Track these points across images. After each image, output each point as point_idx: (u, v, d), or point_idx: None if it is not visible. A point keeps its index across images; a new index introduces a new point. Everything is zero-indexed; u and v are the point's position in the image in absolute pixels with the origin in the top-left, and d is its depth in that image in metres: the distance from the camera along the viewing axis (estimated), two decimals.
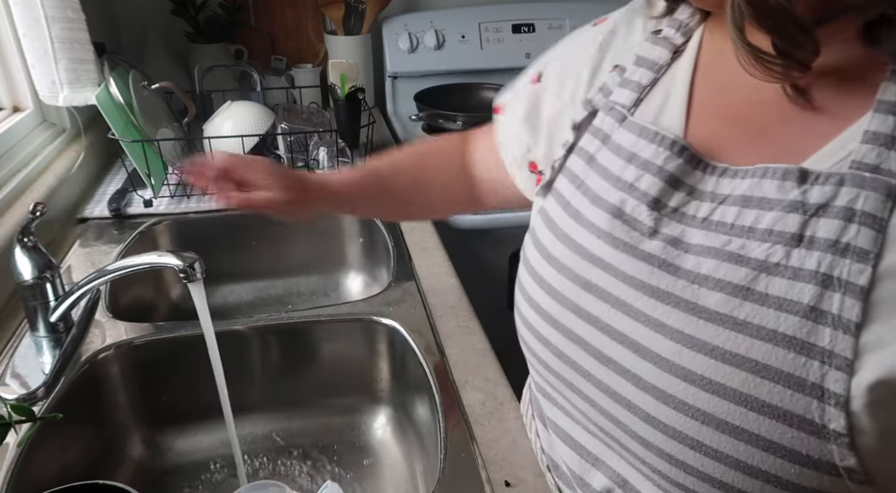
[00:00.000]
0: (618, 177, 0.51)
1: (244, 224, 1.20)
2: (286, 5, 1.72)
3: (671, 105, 0.52)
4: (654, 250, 0.47)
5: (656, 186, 0.48)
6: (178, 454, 0.88)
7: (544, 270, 0.55)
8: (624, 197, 0.50)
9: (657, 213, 0.48)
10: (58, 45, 1.06)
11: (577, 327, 0.51)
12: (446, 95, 1.71)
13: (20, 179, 1.04)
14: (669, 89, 0.52)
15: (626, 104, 0.54)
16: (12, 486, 0.64)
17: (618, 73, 0.57)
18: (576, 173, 0.55)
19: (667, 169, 0.48)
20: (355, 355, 0.92)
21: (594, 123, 0.56)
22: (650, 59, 0.54)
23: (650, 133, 0.50)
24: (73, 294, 0.78)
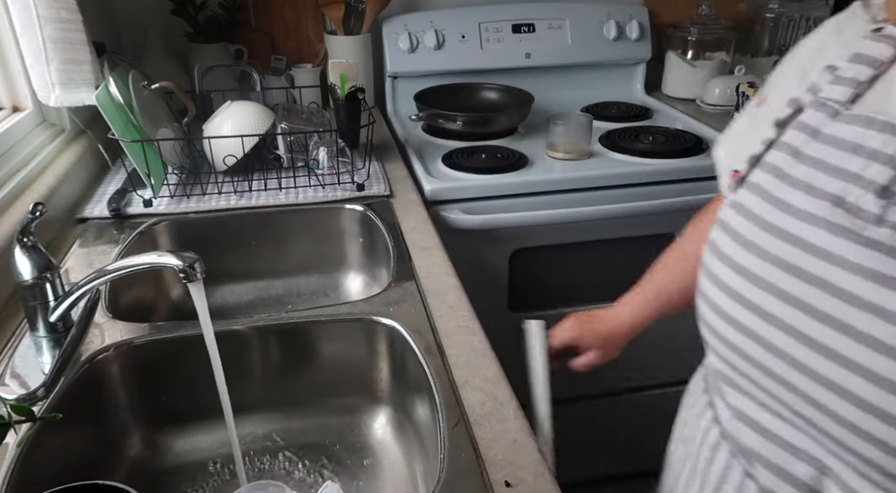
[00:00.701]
0: (836, 167, 0.50)
1: (244, 224, 1.20)
2: (286, 5, 1.72)
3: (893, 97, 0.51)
4: (882, 237, 0.47)
5: (885, 174, 0.48)
6: (178, 453, 0.88)
7: (742, 258, 0.55)
8: (846, 186, 0.49)
9: (885, 201, 0.48)
10: (49, 46, 1.06)
11: (783, 313, 0.51)
12: (446, 94, 1.71)
13: (20, 179, 1.04)
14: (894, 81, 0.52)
15: (841, 99, 0.53)
16: (12, 486, 0.64)
17: (828, 71, 0.56)
18: (777, 166, 0.55)
19: (890, 154, 0.48)
20: (355, 355, 0.92)
21: (800, 118, 0.55)
22: (870, 56, 0.53)
23: (879, 123, 0.50)
24: (72, 294, 0.78)
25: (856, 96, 0.53)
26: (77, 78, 1.11)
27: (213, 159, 1.23)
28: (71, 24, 1.08)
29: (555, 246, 1.43)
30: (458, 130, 1.58)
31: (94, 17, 1.43)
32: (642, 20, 1.83)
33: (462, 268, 1.02)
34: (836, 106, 0.53)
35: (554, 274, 1.49)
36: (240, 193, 1.22)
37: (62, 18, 1.06)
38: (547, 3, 1.80)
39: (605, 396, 1.60)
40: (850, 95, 0.53)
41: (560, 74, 1.85)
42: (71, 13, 1.08)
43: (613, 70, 1.89)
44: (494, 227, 1.37)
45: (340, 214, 1.22)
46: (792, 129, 0.56)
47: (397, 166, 1.40)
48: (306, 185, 1.25)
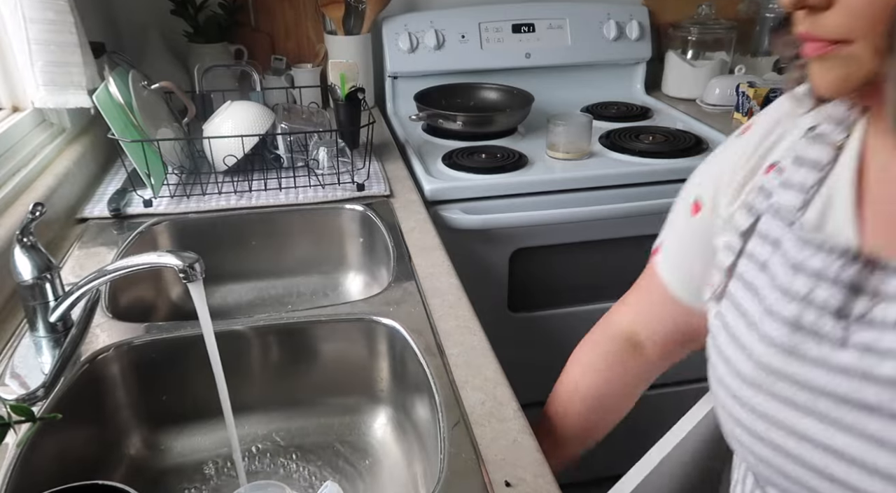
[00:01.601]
0: (787, 288, 0.50)
1: (244, 224, 1.20)
2: (286, 5, 1.72)
3: (837, 205, 0.50)
4: (850, 362, 0.46)
5: (835, 296, 0.47)
6: (178, 453, 0.88)
7: (736, 385, 0.54)
8: (800, 309, 0.48)
9: (844, 321, 0.47)
10: (34, 47, 1.06)
11: (788, 444, 0.50)
12: (446, 94, 1.71)
13: (20, 179, 1.04)
14: (833, 188, 0.51)
15: (794, 205, 0.52)
16: (12, 486, 0.64)
17: (776, 173, 0.55)
18: (750, 280, 0.54)
19: (842, 278, 0.47)
20: (355, 355, 0.92)
21: (760, 227, 0.55)
22: (811, 159, 0.53)
23: (816, 242, 0.49)
24: (72, 294, 0.78)
25: (805, 202, 0.52)
26: (62, 80, 1.10)
27: (213, 159, 1.23)
28: (58, 26, 1.07)
29: (555, 246, 1.43)
30: (458, 130, 1.58)
31: (94, 17, 1.43)
32: (642, 20, 1.83)
33: (462, 268, 1.02)
34: (789, 215, 0.52)
35: (554, 274, 1.49)
36: (240, 193, 1.22)
37: (48, 20, 1.06)
38: (547, 3, 1.80)
39: None
40: (801, 202, 0.52)
41: (560, 74, 1.85)
42: (59, 15, 1.07)
43: (613, 70, 1.89)
44: (494, 227, 1.37)
45: (340, 214, 1.22)
46: (755, 237, 0.55)
47: (397, 166, 1.40)
48: (306, 185, 1.25)
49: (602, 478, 0.84)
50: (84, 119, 1.30)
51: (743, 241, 0.57)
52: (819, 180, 0.52)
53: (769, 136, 0.59)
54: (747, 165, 0.60)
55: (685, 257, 0.69)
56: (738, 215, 0.58)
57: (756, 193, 0.57)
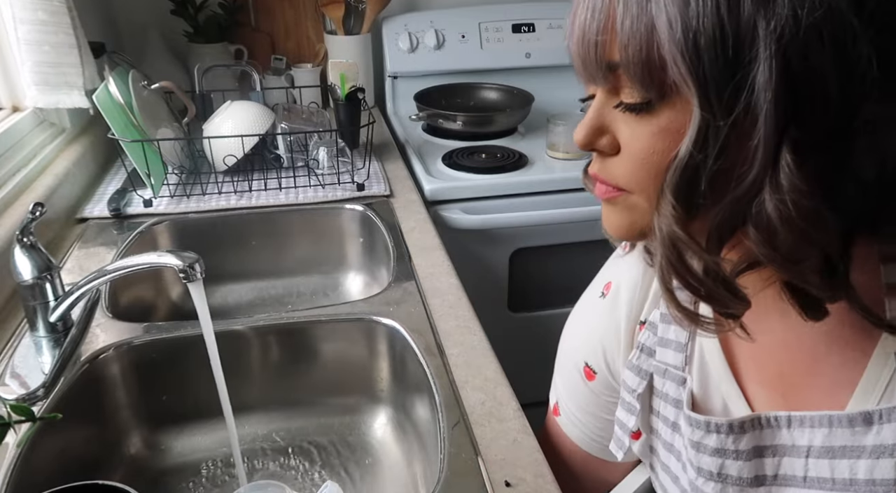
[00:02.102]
0: (698, 466, 0.50)
1: (244, 224, 1.20)
2: (286, 5, 1.72)
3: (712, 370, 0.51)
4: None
5: (745, 467, 0.47)
6: (178, 453, 0.88)
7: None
8: (720, 487, 0.49)
9: (763, 486, 0.47)
10: (24, 47, 1.06)
11: None
12: (446, 94, 1.71)
13: (20, 179, 1.04)
14: (703, 347, 0.52)
15: (678, 363, 0.53)
16: (12, 486, 0.64)
17: (649, 330, 0.56)
18: (669, 442, 0.55)
19: (742, 449, 0.47)
20: (355, 355, 0.92)
21: (656, 387, 0.56)
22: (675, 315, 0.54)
23: (702, 423, 0.49)
24: (72, 294, 0.78)
25: (686, 359, 0.53)
26: (55, 80, 1.10)
27: (213, 159, 1.23)
28: (50, 27, 1.07)
29: (555, 246, 1.43)
30: (458, 130, 1.58)
31: (94, 17, 1.43)
32: None
33: (462, 268, 1.02)
34: (677, 373, 0.53)
35: (554, 274, 1.49)
36: (240, 193, 1.22)
37: (39, 20, 1.06)
38: (547, 3, 1.80)
39: None
40: (682, 360, 0.53)
41: (560, 74, 1.85)
42: (52, 16, 1.07)
43: None
44: (494, 227, 1.37)
45: (340, 215, 1.22)
46: (657, 398, 0.56)
47: (397, 166, 1.40)
48: (306, 185, 1.25)
49: None
50: (84, 119, 1.30)
51: (640, 401, 0.57)
52: (690, 335, 0.53)
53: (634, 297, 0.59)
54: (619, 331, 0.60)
55: (592, 417, 0.68)
56: (629, 378, 0.58)
57: (638, 353, 0.58)
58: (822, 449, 0.44)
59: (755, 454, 0.47)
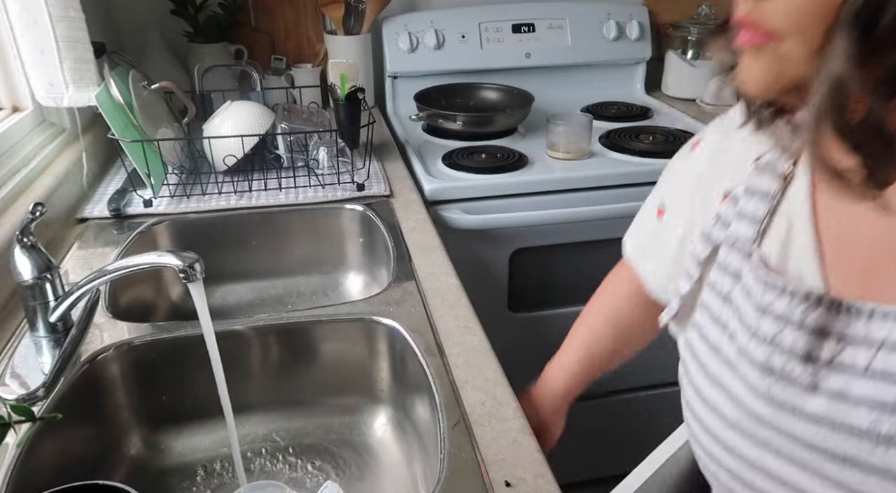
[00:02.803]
0: (756, 329, 0.48)
1: (244, 224, 1.20)
2: (286, 5, 1.72)
3: (797, 242, 0.49)
4: (820, 410, 0.45)
5: (802, 340, 0.46)
6: (178, 453, 0.88)
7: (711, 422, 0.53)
8: (769, 352, 0.47)
9: (812, 366, 0.45)
10: (62, 45, 1.06)
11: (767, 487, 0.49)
12: (446, 94, 1.71)
13: (20, 179, 1.04)
14: (790, 220, 0.49)
15: (749, 237, 0.51)
16: (12, 486, 0.64)
17: (731, 203, 0.55)
18: (717, 314, 0.53)
19: (808, 323, 0.46)
20: (355, 355, 0.92)
21: (719, 258, 0.54)
22: (760, 189, 0.52)
23: (778, 285, 0.47)
24: (72, 294, 0.78)
25: (760, 234, 0.51)
26: (87, 77, 1.10)
27: (213, 159, 1.23)
28: (76, 23, 1.08)
29: (555, 246, 1.43)
30: (458, 130, 1.58)
31: (94, 17, 1.43)
32: (642, 20, 1.83)
33: (462, 268, 1.02)
34: (746, 246, 0.52)
35: (554, 274, 1.49)
36: (240, 193, 1.22)
37: (70, 17, 1.06)
38: (547, 3, 1.80)
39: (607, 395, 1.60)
40: (755, 233, 0.51)
41: (560, 74, 1.85)
42: (77, 12, 1.08)
43: (613, 70, 1.89)
44: (494, 227, 1.37)
45: (340, 214, 1.22)
46: (716, 269, 0.54)
47: (397, 166, 1.40)
48: (306, 185, 1.25)
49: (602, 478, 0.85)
50: (84, 119, 1.30)
51: (700, 269, 0.56)
52: (770, 210, 0.51)
53: (716, 158, 0.58)
54: (699, 190, 0.60)
55: (654, 253, 0.70)
56: (697, 243, 0.57)
57: (713, 222, 0.56)
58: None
59: (817, 333, 0.45)
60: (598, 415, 1.61)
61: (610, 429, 1.57)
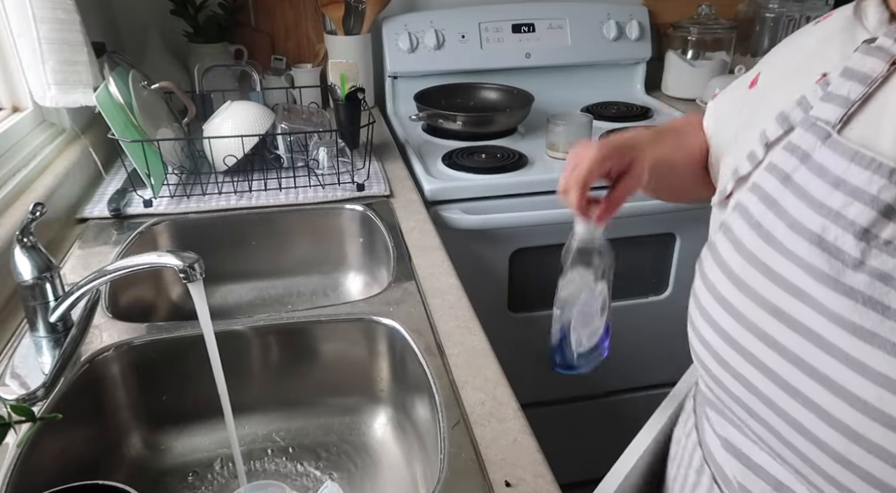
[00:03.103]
0: (821, 202, 0.47)
1: (244, 224, 1.20)
2: (286, 5, 1.72)
3: (888, 124, 0.47)
4: (859, 285, 0.44)
5: (867, 215, 0.45)
6: (178, 453, 0.88)
7: (727, 290, 0.52)
8: (826, 224, 0.46)
9: (865, 243, 0.44)
10: (45, 47, 1.06)
11: (763, 355, 0.49)
12: (446, 94, 1.71)
13: (20, 179, 1.04)
14: (886, 105, 0.48)
15: (831, 120, 0.49)
16: (12, 486, 0.64)
17: (822, 85, 0.52)
18: (768, 192, 0.52)
19: (881, 198, 0.44)
20: (355, 355, 0.92)
21: (791, 139, 0.52)
22: (861, 72, 0.49)
23: (865, 158, 0.46)
24: (72, 294, 0.78)
25: (846, 117, 0.49)
26: (73, 79, 1.10)
27: (213, 159, 1.23)
28: (66, 25, 1.08)
29: (555, 246, 1.43)
30: (458, 130, 1.58)
31: (94, 17, 1.43)
32: (642, 20, 1.83)
33: (462, 268, 1.02)
34: (826, 128, 0.49)
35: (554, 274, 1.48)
36: (240, 193, 1.22)
37: (58, 19, 1.06)
38: (547, 3, 1.80)
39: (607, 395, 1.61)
40: (841, 116, 0.49)
41: (560, 74, 1.85)
42: (67, 13, 1.08)
43: (613, 70, 1.89)
44: (494, 227, 1.37)
45: (340, 214, 1.22)
46: (783, 149, 0.52)
47: (397, 166, 1.40)
48: (306, 185, 1.25)
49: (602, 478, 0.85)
50: (84, 119, 1.30)
51: (765, 152, 0.54)
52: (864, 95, 0.48)
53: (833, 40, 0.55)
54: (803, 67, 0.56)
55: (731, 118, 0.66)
56: (770, 125, 0.54)
57: (795, 104, 0.53)
58: None
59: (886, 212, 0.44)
60: (598, 415, 1.61)
61: (610, 429, 1.57)
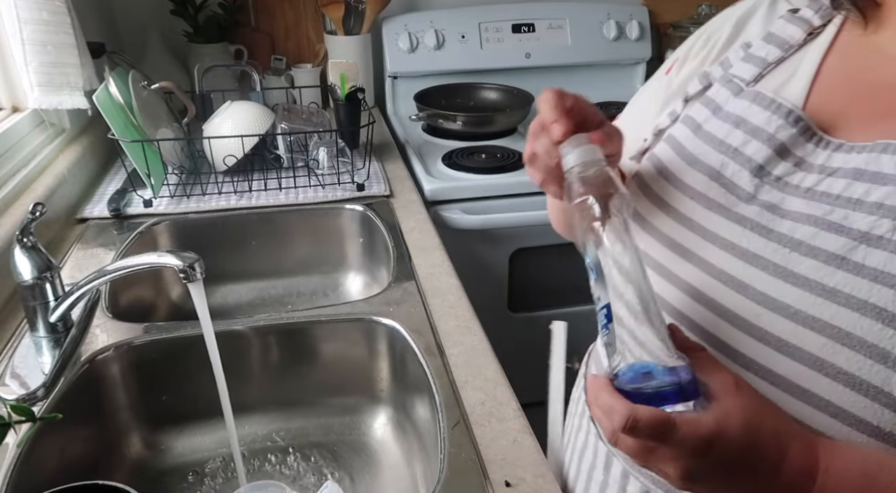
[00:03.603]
0: (721, 140, 0.51)
1: (244, 224, 1.20)
2: (286, 5, 1.72)
3: (796, 79, 0.51)
4: (749, 214, 0.47)
5: (762, 152, 0.48)
6: (178, 453, 0.88)
7: (642, 237, 0.55)
8: (725, 160, 0.50)
9: (759, 180, 0.48)
10: (28, 47, 1.06)
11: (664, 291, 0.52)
12: (446, 94, 1.71)
13: (20, 179, 1.04)
14: (797, 67, 0.51)
15: (746, 78, 0.53)
16: (12, 486, 0.64)
17: (743, 47, 0.56)
18: (679, 140, 0.55)
19: (777, 137, 0.48)
20: (355, 355, 0.92)
21: (707, 94, 0.55)
22: (781, 37, 0.53)
23: (766, 99, 0.50)
24: (72, 294, 0.78)
25: (759, 76, 0.53)
26: (57, 81, 1.10)
27: (213, 159, 1.23)
28: (52, 27, 1.07)
29: (555, 246, 1.43)
30: (458, 130, 1.58)
31: (94, 17, 1.44)
32: (642, 20, 1.83)
33: (462, 268, 1.02)
34: (740, 84, 0.53)
35: (554, 274, 1.49)
36: (240, 193, 1.22)
37: (42, 20, 1.06)
38: (547, 3, 1.80)
39: None
40: (755, 75, 0.53)
41: (560, 74, 1.85)
42: (53, 15, 1.07)
43: (613, 70, 1.89)
44: (494, 227, 1.37)
45: (340, 214, 1.22)
46: (699, 103, 0.55)
47: (397, 166, 1.40)
48: (306, 185, 1.25)
49: None
50: (84, 119, 1.30)
51: (684, 106, 0.57)
52: (780, 59, 0.52)
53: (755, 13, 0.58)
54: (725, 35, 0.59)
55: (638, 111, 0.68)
56: (691, 83, 0.58)
57: (717, 64, 0.57)
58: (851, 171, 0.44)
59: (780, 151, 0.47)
60: None
61: None
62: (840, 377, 0.41)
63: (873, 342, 0.40)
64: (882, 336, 0.40)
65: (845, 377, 0.41)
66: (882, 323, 0.40)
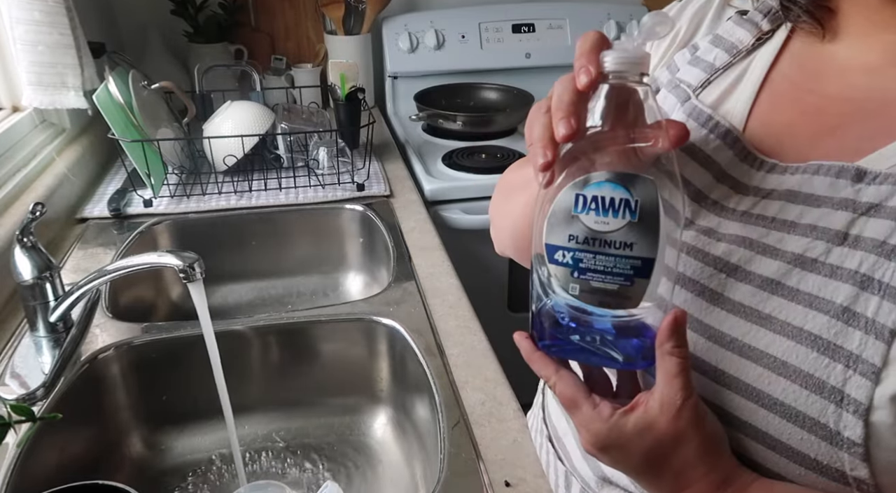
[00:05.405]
0: None
1: (244, 224, 1.20)
2: (286, 5, 1.72)
3: (739, 91, 0.49)
4: (686, 238, 0.46)
5: (700, 178, 0.47)
6: (178, 453, 0.88)
7: None
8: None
9: (696, 205, 0.47)
10: (20, 47, 1.06)
11: None
12: (446, 94, 1.71)
13: (20, 179, 1.04)
14: (743, 75, 0.50)
15: (693, 84, 0.51)
16: (12, 486, 0.64)
17: (690, 50, 0.54)
18: None
19: (715, 160, 0.47)
20: (355, 355, 0.92)
21: (658, 100, 0.53)
22: (729, 41, 0.52)
23: (704, 116, 0.48)
24: (72, 294, 0.78)
25: (707, 82, 0.51)
26: (49, 80, 1.10)
27: (213, 159, 1.23)
28: (45, 27, 1.07)
29: None
30: (458, 130, 1.58)
31: (94, 17, 1.44)
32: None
33: (462, 268, 1.02)
34: (687, 90, 0.51)
35: None
36: (240, 193, 1.22)
37: (34, 20, 1.06)
38: (547, 3, 1.80)
39: None
40: (703, 81, 0.51)
41: (560, 74, 1.82)
42: (47, 16, 1.07)
43: None
44: None
45: (340, 214, 1.22)
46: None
47: (397, 166, 1.40)
48: (306, 185, 1.25)
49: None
50: (84, 119, 1.29)
51: None
52: (727, 64, 0.51)
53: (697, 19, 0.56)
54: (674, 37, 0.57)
55: None
56: None
57: (664, 67, 0.55)
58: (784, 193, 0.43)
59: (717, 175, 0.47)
60: None
61: None
62: (776, 409, 0.39)
63: (809, 372, 0.38)
64: (817, 365, 0.38)
65: (781, 409, 0.39)
66: (817, 352, 0.38)
